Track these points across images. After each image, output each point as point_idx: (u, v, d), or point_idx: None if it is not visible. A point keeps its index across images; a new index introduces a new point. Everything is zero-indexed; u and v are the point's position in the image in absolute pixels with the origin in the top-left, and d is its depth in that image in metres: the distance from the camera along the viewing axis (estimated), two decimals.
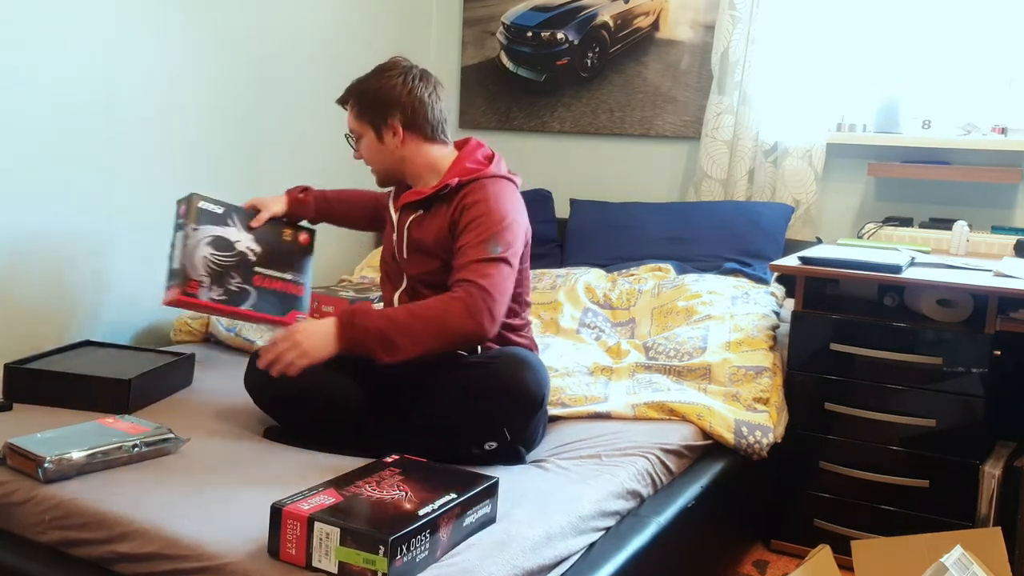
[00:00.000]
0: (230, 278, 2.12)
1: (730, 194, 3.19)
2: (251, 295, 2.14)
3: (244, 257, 2.16)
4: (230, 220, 2.19)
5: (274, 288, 2.18)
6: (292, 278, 2.21)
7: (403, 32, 3.67)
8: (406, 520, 1.38)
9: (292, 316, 2.17)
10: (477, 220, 1.92)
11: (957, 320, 2.36)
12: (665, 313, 2.76)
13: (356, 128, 2.09)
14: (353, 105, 2.08)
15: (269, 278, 2.18)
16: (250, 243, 2.18)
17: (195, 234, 2.11)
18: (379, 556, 1.32)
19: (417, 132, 2.04)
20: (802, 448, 2.47)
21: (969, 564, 1.69)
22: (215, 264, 2.11)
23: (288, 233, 2.26)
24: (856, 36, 3.02)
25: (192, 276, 2.06)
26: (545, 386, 1.89)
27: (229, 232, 2.17)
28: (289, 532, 1.39)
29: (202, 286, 2.07)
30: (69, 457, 1.65)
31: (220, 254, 2.13)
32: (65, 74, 2.50)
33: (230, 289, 2.11)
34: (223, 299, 2.09)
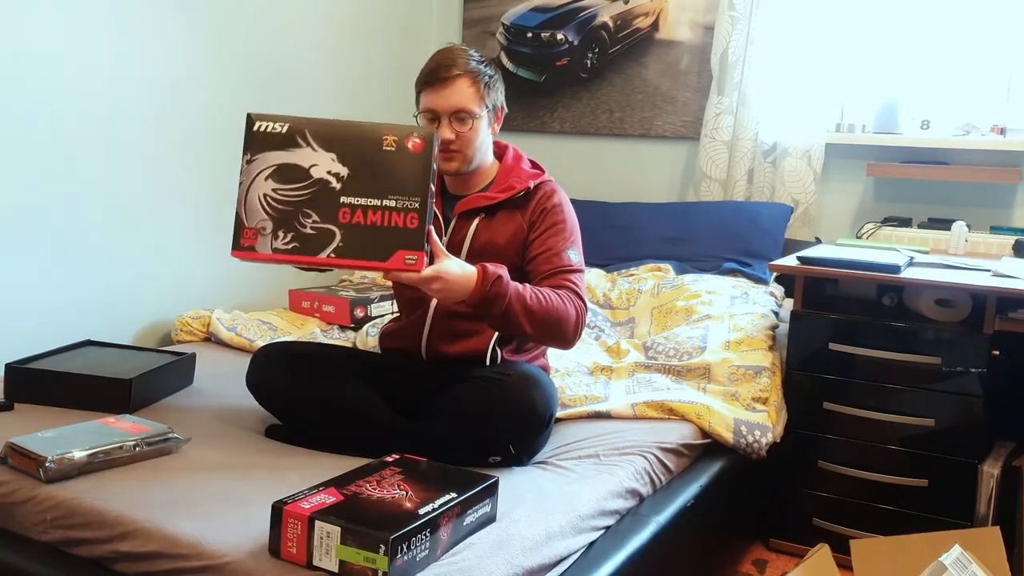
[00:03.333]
0: (303, 217, 1.69)
1: (729, 194, 3.20)
2: (335, 236, 1.69)
3: (324, 185, 1.70)
4: (300, 139, 1.73)
5: (371, 222, 1.69)
6: (397, 204, 1.69)
7: (403, 33, 3.68)
8: (406, 519, 1.39)
9: (399, 257, 1.68)
10: (557, 226, 1.97)
11: (956, 320, 2.36)
12: (664, 313, 2.77)
13: (472, 108, 1.93)
14: (474, 82, 1.94)
15: (362, 209, 1.69)
16: (332, 164, 1.71)
17: (250, 167, 1.71)
18: (379, 555, 1.33)
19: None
20: (801, 447, 2.47)
21: (968, 563, 1.70)
22: (279, 202, 1.70)
23: (390, 140, 1.73)
24: (855, 37, 3.03)
25: (247, 224, 1.69)
26: (553, 406, 1.90)
27: (300, 155, 1.72)
28: (290, 531, 1.40)
29: (262, 234, 1.69)
30: (70, 456, 1.65)
31: (287, 187, 1.70)
32: (65, 74, 2.51)
33: (303, 233, 1.69)
34: (292, 248, 1.68)
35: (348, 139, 1.72)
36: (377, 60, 3.56)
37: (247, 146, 1.72)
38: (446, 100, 1.92)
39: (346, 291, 3.05)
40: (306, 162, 1.71)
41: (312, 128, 1.72)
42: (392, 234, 1.68)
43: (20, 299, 2.47)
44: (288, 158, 1.71)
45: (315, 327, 2.85)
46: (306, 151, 1.71)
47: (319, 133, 1.72)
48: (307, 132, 1.72)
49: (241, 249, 1.69)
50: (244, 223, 1.69)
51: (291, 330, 2.82)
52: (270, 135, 1.72)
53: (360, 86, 3.49)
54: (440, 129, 1.93)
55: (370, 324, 2.81)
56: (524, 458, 1.88)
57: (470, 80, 1.94)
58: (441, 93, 1.93)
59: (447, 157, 1.96)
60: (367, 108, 3.51)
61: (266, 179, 1.70)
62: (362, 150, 1.72)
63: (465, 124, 1.94)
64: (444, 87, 1.92)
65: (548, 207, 1.99)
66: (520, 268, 1.98)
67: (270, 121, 1.73)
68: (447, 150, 1.95)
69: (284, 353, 2.03)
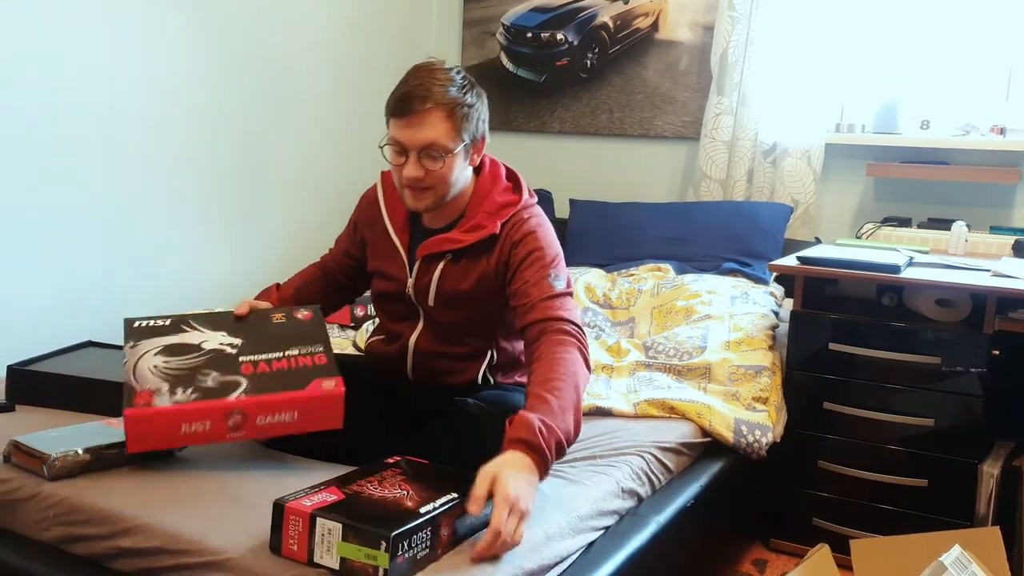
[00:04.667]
0: (202, 376, 1.63)
1: (729, 194, 3.20)
2: (241, 384, 1.64)
3: (219, 353, 1.68)
4: (185, 326, 1.74)
5: (278, 369, 1.68)
6: (301, 351, 1.71)
7: (403, 33, 3.68)
8: (408, 517, 1.39)
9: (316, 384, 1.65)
10: (531, 255, 1.81)
11: (956, 320, 2.36)
12: (664, 313, 2.77)
13: (446, 144, 1.73)
14: (449, 115, 1.73)
15: (265, 361, 1.69)
16: (223, 338, 1.71)
17: (134, 351, 1.68)
18: (381, 552, 1.33)
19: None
20: (801, 447, 2.47)
21: (968, 563, 1.70)
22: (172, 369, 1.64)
23: (279, 316, 1.79)
24: (855, 37, 3.03)
25: (138, 388, 1.61)
26: None
27: (188, 337, 1.72)
28: (291, 528, 1.40)
29: (158, 394, 1.60)
30: (74, 455, 1.66)
31: (177, 358, 1.66)
32: (65, 74, 2.51)
33: (205, 386, 1.62)
34: (195, 397, 1.60)
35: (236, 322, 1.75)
36: (377, 60, 3.56)
37: (127, 337, 1.71)
38: (415, 135, 1.72)
39: None
40: (195, 340, 1.70)
41: (196, 318, 1.75)
42: (301, 373, 1.68)
43: (21, 299, 2.47)
44: (175, 339, 1.70)
45: None
46: (193, 333, 1.71)
47: (204, 320, 1.75)
48: (191, 321, 1.74)
49: (136, 407, 1.58)
50: (135, 388, 1.60)
51: None
52: (152, 328, 1.72)
53: (360, 86, 3.49)
54: (407, 166, 1.75)
55: (370, 323, 2.81)
56: None
57: (444, 113, 1.72)
58: (411, 127, 1.72)
59: (416, 195, 1.78)
60: (367, 108, 3.51)
61: (155, 355, 1.65)
62: (252, 325, 1.75)
63: (436, 161, 1.74)
64: (414, 121, 1.72)
65: (518, 239, 1.82)
66: (492, 308, 1.88)
67: (149, 320, 1.74)
68: (416, 187, 1.77)
69: None
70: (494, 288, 1.85)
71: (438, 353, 1.92)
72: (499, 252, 1.84)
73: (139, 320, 1.75)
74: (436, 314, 1.90)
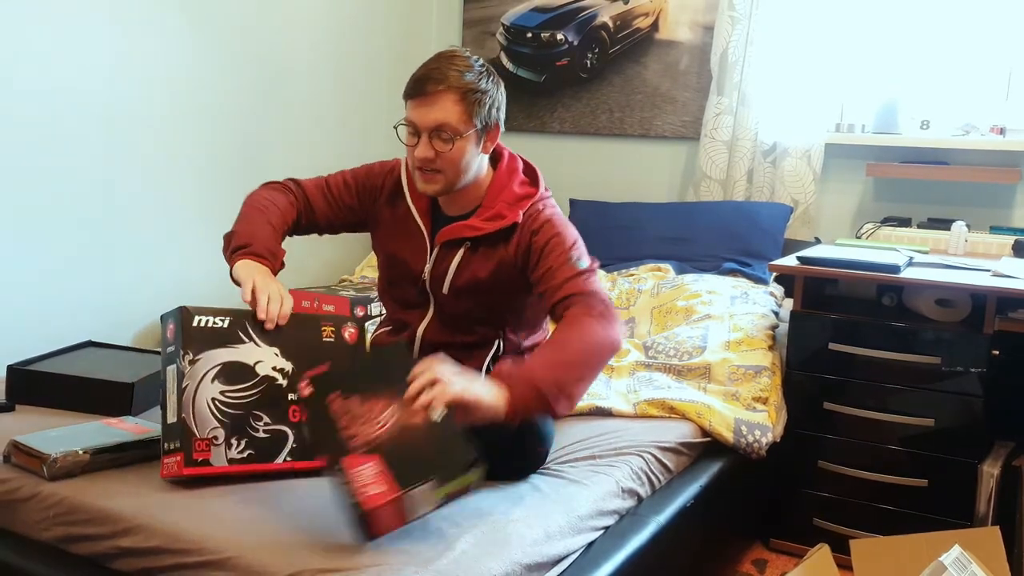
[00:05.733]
0: (255, 421, 1.61)
1: (729, 194, 3.20)
2: (288, 438, 1.63)
3: (271, 384, 1.64)
4: (243, 334, 1.66)
5: None
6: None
7: (403, 33, 3.68)
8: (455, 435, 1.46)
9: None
10: (551, 241, 1.83)
11: (955, 320, 2.37)
12: (664, 313, 2.77)
13: (456, 126, 1.76)
14: (462, 99, 1.76)
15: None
16: (276, 359, 1.65)
17: (195, 368, 1.59)
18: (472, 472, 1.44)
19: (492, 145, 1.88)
20: (801, 447, 2.47)
21: (968, 563, 1.70)
22: (229, 406, 1.60)
23: (328, 330, 1.73)
24: (855, 37, 3.03)
25: (198, 434, 1.57)
26: (548, 445, 1.86)
27: (245, 352, 1.64)
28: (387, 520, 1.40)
29: (215, 444, 1.57)
30: (74, 454, 1.66)
31: (235, 389, 1.61)
32: (65, 74, 2.51)
33: (256, 438, 1.60)
34: (248, 456, 1.59)
35: (288, 331, 1.68)
36: (377, 60, 3.56)
37: (186, 343, 1.61)
38: (427, 115, 1.76)
39: (346, 290, 3.05)
40: (251, 359, 1.64)
41: (252, 320, 1.67)
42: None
43: (21, 300, 2.47)
44: (233, 355, 1.63)
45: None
46: (249, 346, 1.65)
47: (259, 325, 1.67)
48: (248, 326, 1.67)
49: (195, 464, 1.57)
50: (195, 433, 1.56)
51: None
52: (212, 331, 1.63)
53: (360, 86, 3.49)
54: (418, 146, 1.78)
55: (370, 323, 2.81)
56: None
57: (457, 96, 1.75)
58: (423, 107, 1.76)
59: (427, 177, 1.81)
60: (367, 108, 3.51)
61: (212, 380, 1.60)
62: (303, 343, 1.69)
63: (446, 143, 1.76)
64: (427, 101, 1.76)
65: (537, 227, 1.85)
66: (505, 297, 1.90)
67: (209, 315, 1.64)
68: (427, 169, 1.80)
69: None
70: (512, 277, 1.87)
71: (446, 342, 1.92)
72: (518, 241, 1.86)
73: (199, 316, 1.63)
74: (448, 302, 1.91)
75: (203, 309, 1.64)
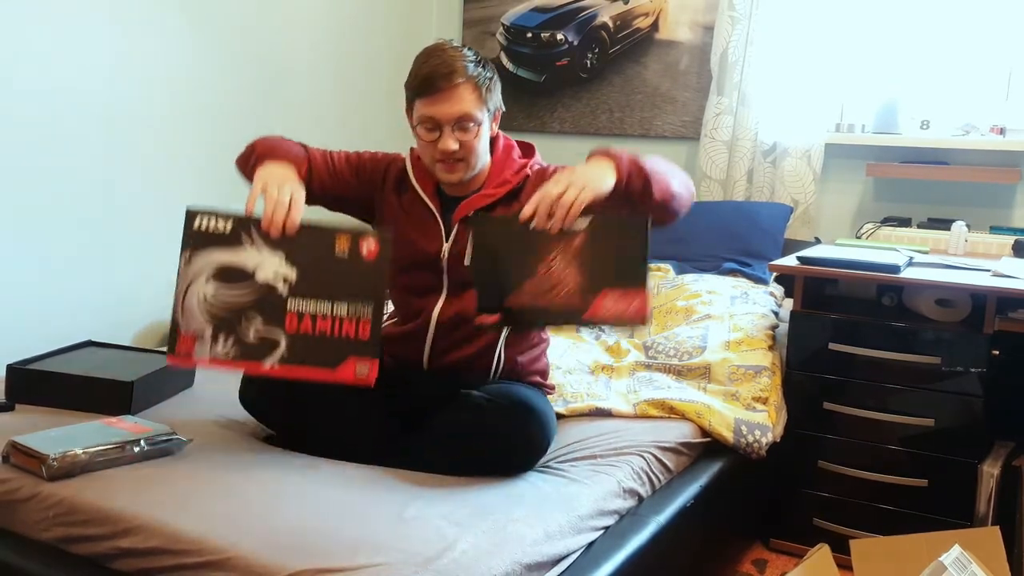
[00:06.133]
0: (246, 322, 1.60)
1: (729, 194, 3.20)
2: (280, 346, 1.60)
3: (270, 291, 1.62)
4: (245, 236, 1.63)
5: (320, 331, 1.60)
6: (348, 312, 1.61)
7: (403, 33, 3.68)
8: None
9: (350, 365, 1.60)
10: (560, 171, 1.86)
11: (955, 320, 2.36)
12: (664, 313, 2.77)
13: (476, 114, 1.84)
14: (476, 87, 1.84)
15: (310, 316, 1.61)
16: (279, 266, 1.62)
17: (190, 267, 1.63)
18: None
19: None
20: (801, 447, 2.47)
21: (968, 563, 1.70)
22: (219, 306, 1.60)
23: (343, 244, 1.64)
24: (855, 37, 3.03)
25: (183, 329, 1.60)
26: (551, 432, 1.87)
27: (244, 255, 1.62)
28: None
29: (200, 340, 1.59)
30: (73, 455, 1.65)
31: (229, 290, 1.61)
32: (65, 74, 2.51)
33: (245, 341, 1.60)
34: (232, 354, 1.60)
35: (297, 239, 1.63)
36: (377, 60, 3.56)
37: (186, 243, 1.62)
38: (448, 109, 1.82)
39: None
40: (251, 264, 1.61)
41: (256, 224, 1.64)
42: (342, 344, 1.61)
43: (20, 299, 2.47)
44: (231, 258, 1.61)
45: None
46: (250, 251, 1.61)
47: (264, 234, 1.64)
48: (252, 230, 1.63)
49: (177, 356, 1.61)
50: (180, 329, 1.59)
51: None
52: (212, 234, 1.63)
53: (360, 86, 3.49)
54: (442, 139, 1.84)
55: None
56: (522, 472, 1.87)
57: (472, 86, 1.84)
58: (443, 102, 1.82)
59: (450, 168, 1.87)
60: (367, 108, 3.51)
61: (207, 281, 1.61)
62: (312, 252, 1.63)
63: (469, 132, 1.85)
64: (445, 96, 1.82)
65: (544, 175, 1.93)
66: None
67: (212, 217, 1.63)
68: (450, 160, 1.86)
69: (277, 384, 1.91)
70: None
71: (460, 320, 1.92)
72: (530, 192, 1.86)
73: (201, 215, 1.63)
74: (464, 277, 1.91)
75: (210, 210, 1.64)
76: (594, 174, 1.69)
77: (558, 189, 1.64)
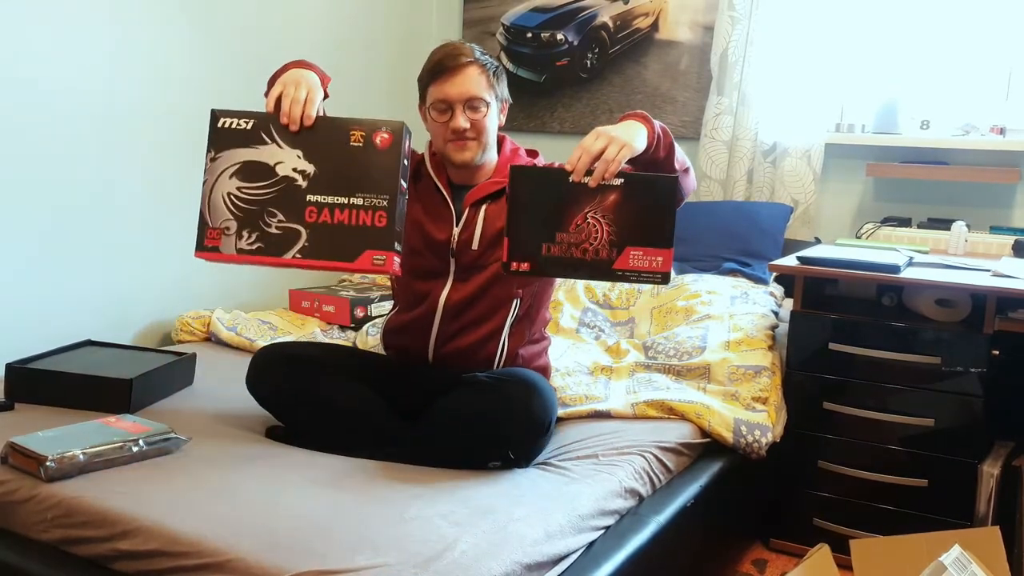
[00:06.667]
0: (268, 217, 1.67)
1: (729, 194, 3.20)
2: (301, 236, 1.67)
3: (290, 183, 1.68)
4: (265, 135, 1.71)
5: (339, 221, 1.66)
6: (365, 202, 1.66)
7: (403, 33, 3.68)
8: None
9: (367, 257, 1.65)
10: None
11: (955, 320, 2.36)
12: (664, 313, 2.77)
13: (484, 95, 1.96)
14: (483, 71, 1.97)
15: (328, 208, 1.67)
16: (298, 161, 1.69)
17: (215, 165, 1.70)
18: None
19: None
20: (801, 447, 2.47)
21: (968, 563, 1.70)
22: (243, 201, 1.68)
23: (357, 135, 1.70)
24: (855, 37, 3.03)
25: (212, 224, 1.68)
26: (552, 412, 1.89)
27: (265, 152, 1.70)
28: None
29: (226, 234, 1.67)
30: (71, 456, 1.65)
31: (251, 186, 1.68)
32: (64, 74, 2.51)
33: (268, 233, 1.67)
34: (257, 248, 1.67)
35: (314, 135, 1.70)
36: (377, 60, 3.56)
37: (211, 142, 1.71)
38: (458, 88, 1.93)
39: (346, 291, 3.05)
40: (271, 159, 1.69)
41: (277, 124, 1.71)
42: (360, 233, 1.66)
43: (20, 299, 2.47)
44: (253, 155, 1.69)
45: (315, 327, 2.86)
46: (271, 148, 1.69)
47: (284, 128, 1.71)
48: (272, 128, 1.71)
49: (205, 250, 1.69)
50: (208, 223, 1.68)
51: (291, 330, 2.82)
52: (234, 131, 1.71)
53: (360, 86, 3.49)
54: (454, 118, 1.94)
55: (370, 324, 2.81)
56: (524, 463, 1.87)
57: (480, 69, 1.95)
58: (453, 81, 1.93)
59: (461, 146, 1.97)
60: (367, 108, 3.51)
61: (230, 177, 1.69)
62: (328, 146, 1.69)
63: (479, 112, 1.95)
64: (455, 75, 1.93)
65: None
66: None
67: (235, 117, 1.71)
68: (462, 138, 1.96)
69: (285, 354, 2.03)
70: None
71: (467, 306, 1.99)
72: None
73: (224, 118, 1.72)
74: (474, 260, 1.99)
75: (231, 112, 1.73)
76: (631, 133, 1.76)
77: (600, 144, 1.71)
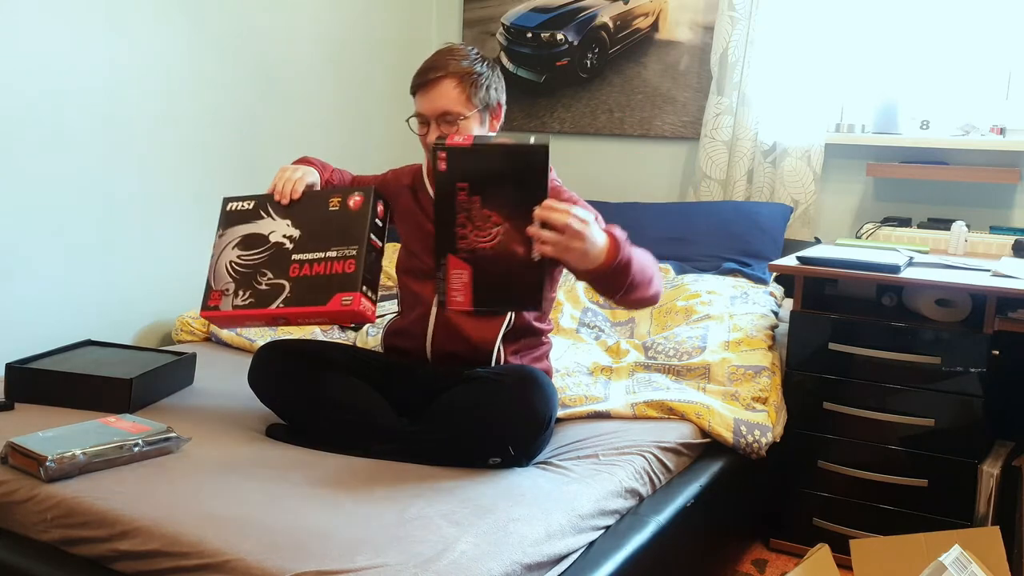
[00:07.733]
0: (260, 276, 1.90)
1: (729, 194, 3.20)
2: (285, 289, 1.88)
3: (279, 247, 1.92)
4: (263, 211, 1.97)
5: (316, 272, 1.87)
6: (337, 253, 1.87)
7: (403, 33, 3.68)
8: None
9: (337, 300, 1.83)
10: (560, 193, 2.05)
11: (955, 320, 2.36)
12: (664, 313, 2.77)
13: (458, 109, 1.92)
14: (459, 83, 1.93)
15: (309, 263, 1.89)
16: (287, 228, 1.93)
17: (221, 240, 1.96)
18: None
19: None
20: (801, 447, 2.47)
21: (967, 563, 1.70)
22: (241, 266, 1.92)
23: (335, 200, 1.94)
24: (855, 37, 3.03)
25: (214, 287, 1.92)
26: (553, 408, 1.89)
27: (262, 225, 1.95)
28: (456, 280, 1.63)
29: (225, 295, 1.90)
30: (71, 456, 1.65)
31: (248, 253, 1.93)
32: (65, 75, 2.51)
33: (259, 289, 1.89)
34: (249, 303, 1.88)
35: (301, 205, 1.95)
36: (377, 60, 3.56)
37: (220, 223, 1.99)
38: (431, 103, 1.93)
39: None
40: (266, 230, 1.95)
41: (273, 201, 1.97)
42: (332, 280, 1.86)
43: (20, 299, 2.47)
44: (252, 229, 1.96)
45: (315, 327, 2.85)
46: (267, 220, 1.96)
47: (278, 204, 1.96)
48: (268, 205, 1.97)
49: (208, 309, 1.92)
50: (212, 287, 1.93)
51: (291, 330, 2.82)
52: (239, 212, 1.98)
53: (360, 86, 3.49)
54: (430, 133, 1.95)
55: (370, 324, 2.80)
56: (524, 460, 1.88)
57: (455, 81, 1.92)
58: (427, 96, 1.94)
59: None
60: (367, 108, 3.51)
61: (232, 248, 1.95)
62: (312, 213, 1.94)
63: (452, 126, 1.93)
64: (429, 91, 1.93)
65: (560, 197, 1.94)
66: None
67: (240, 201, 2.00)
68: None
69: (286, 351, 2.04)
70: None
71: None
72: None
73: (233, 202, 2.00)
74: None
75: (239, 197, 2.01)
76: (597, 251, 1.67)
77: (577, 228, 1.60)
